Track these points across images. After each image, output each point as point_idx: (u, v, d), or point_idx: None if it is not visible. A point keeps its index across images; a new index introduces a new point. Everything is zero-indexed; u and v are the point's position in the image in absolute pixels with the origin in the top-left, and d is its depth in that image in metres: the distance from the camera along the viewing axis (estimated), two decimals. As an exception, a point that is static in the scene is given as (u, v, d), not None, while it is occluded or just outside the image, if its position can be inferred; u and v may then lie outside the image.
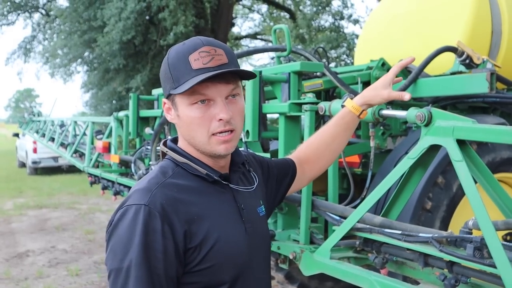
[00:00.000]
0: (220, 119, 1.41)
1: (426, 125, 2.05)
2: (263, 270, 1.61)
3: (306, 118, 2.61)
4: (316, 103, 2.65)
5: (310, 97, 2.68)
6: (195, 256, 1.38)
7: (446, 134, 1.96)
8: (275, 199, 1.89)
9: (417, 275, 2.26)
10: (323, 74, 3.81)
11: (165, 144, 1.57)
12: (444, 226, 3.23)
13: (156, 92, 4.91)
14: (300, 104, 2.72)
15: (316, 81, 3.72)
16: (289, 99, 2.93)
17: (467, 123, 1.92)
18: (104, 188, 5.35)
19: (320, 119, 3.11)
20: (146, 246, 1.30)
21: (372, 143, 2.77)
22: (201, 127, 1.42)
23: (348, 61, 16.42)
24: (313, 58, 3.85)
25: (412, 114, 2.11)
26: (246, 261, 1.48)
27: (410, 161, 2.10)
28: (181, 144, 1.53)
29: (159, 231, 1.32)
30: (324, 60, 4.26)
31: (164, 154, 1.56)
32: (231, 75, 1.42)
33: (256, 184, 1.67)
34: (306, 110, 2.62)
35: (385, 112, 2.31)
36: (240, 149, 1.71)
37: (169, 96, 1.48)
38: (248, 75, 1.48)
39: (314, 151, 2.01)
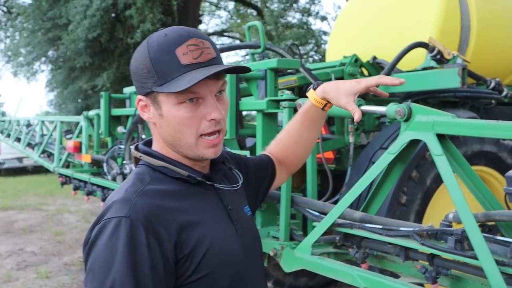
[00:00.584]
0: (212, 119, 1.30)
1: (406, 120, 2.06)
2: (259, 273, 1.52)
3: (284, 115, 2.60)
4: (294, 100, 2.65)
5: (287, 93, 2.67)
6: (188, 266, 1.25)
7: (426, 129, 1.98)
8: (256, 199, 1.78)
9: (398, 268, 2.28)
10: (297, 71, 3.82)
11: (137, 148, 1.43)
12: (419, 219, 3.29)
13: (128, 90, 4.85)
14: (278, 101, 2.72)
15: (291, 78, 3.73)
16: (266, 96, 2.92)
17: (447, 117, 1.95)
18: (76, 188, 5.24)
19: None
20: (131, 263, 1.17)
21: (351, 139, 2.79)
22: (190, 127, 1.30)
23: (316, 58, 16.52)
24: (287, 54, 3.86)
25: (391, 109, 2.12)
26: (242, 264, 1.38)
27: (390, 156, 2.12)
28: (156, 146, 1.40)
29: (144, 244, 1.18)
30: (297, 56, 4.26)
31: (137, 160, 1.42)
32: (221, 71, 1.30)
33: (241, 182, 1.57)
34: (284, 107, 2.61)
35: (364, 108, 2.32)
36: None
37: (149, 93, 1.32)
38: (243, 70, 1.38)
39: (286, 148, 1.89)
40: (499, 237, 1.83)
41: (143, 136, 4.44)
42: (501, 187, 3.43)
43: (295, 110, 2.65)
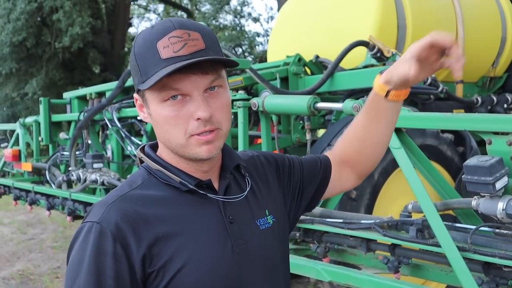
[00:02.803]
0: (199, 118, 1.16)
1: (363, 115, 2.12)
2: None
3: (239, 115, 2.61)
4: (248, 99, 2.66)
5: (241, 93, 2.68)
6: (159, 282, 1.15)
7: (383, 123, 2.04)
8: (298, 203, 1.50)
9: (359, 260, 2.34)
10: (242, 71, 3.83)
11: (142, 150, 1.33)
12: (369, 212, 3.37)
13: (68, 95, 4.70)
14: (232, 101, 2.72)
15: (237, 78, 3.74)
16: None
17: (403, 111, 2.01)
18: (17, 198, 5.02)
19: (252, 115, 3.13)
20: (96, 272, 1.11)
21: (308, 136, 2.83)
22: (177, 128, 1.18)
23: (250, 59, 16.62)
24: (231, 55, 3.86)
25: (348, 105, 2.18)
26: (231, 284, 1.23)
27: (349, 151, 2.16)
28: (160, 146, 1.30)
29: (110, 253, 1.12)
30: (241, 57, 4.28)
31: (142, 162, 1.32)
32: (210, 64, 1.16)
33: (245, 192, 1.33)
34: (239, 107, 2.62)
35: (320, 105, 2.36)
36: (244, 150, 1.48)
37: (139, 92, 1.24)
38: (229, 63, 1.21)
39: (350, 145, 1.57)
40: (458, 225, 1.92)
41: (89, 142, 4.32)
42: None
43: (249, 109, 2.67)
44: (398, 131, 2.01)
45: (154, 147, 1.32)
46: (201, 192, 1.24)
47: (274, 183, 1.43)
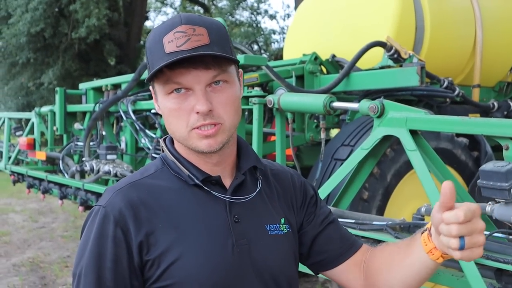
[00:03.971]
0: (198, 112, 1.19)
1: (379, 116, 2.11)
2: None
3: (254, 111, 2.61)
4: (264, 96, 2.66)
5: (257, 90, 2.68)
6: (154, 271, 1.18)
7: (399, 124, 2.03)
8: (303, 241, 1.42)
9: (369, 262, 2.33)
10: (258, 68, 3.83)
11: (165, 140, 1.37)
12: (380, 214, 3.36)
13: (84, 86, 4.73)
14: (248, 98, 2.72)
15: (252, 75, 3.74)
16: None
17: (419, 114, 2.01)
18: (30, 186, 5.07)
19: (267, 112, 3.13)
20: (97, 254, 1.17)
21: (323, 135, 2.83)
22: (179, 120, 1.21)
23: (266, 56, 16.62)
24: (248, 51, 3.86)
25: (364, 106, 2.17)
26: (226, 283, 1.21)
27: (363, 152, 2.16)
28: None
29: (110, 236, 1.17)
30: (258, 53, 4.28)
31: (163, 151, 1.35)
32: (213, 59, 1.18)
33: (253, 194, 1.32)
34: (254, 103, 2.62)
35: (336, 104, 2.35)
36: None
37: (151, 85, 1.28)
38: (228, 59, 1.20)
39: (380, 269, 1.35)
40: (471, 229, 1.90)
41: (103, 133, 4.34)
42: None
43: (264, 106, 2.67)
44: (414, 133, 2.00)
45: (173, 140, 1.35)
46: (206, 189, 1.26)
47: (296, 203, 1.40)
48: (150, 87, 1.30)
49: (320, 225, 1.41)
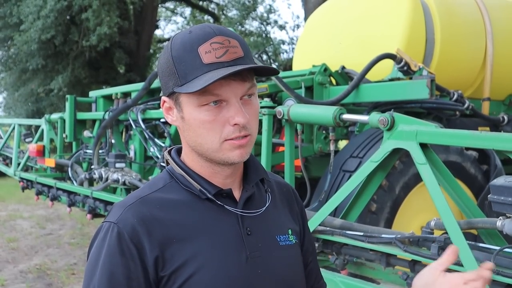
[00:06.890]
0: (236, 124, 1.18)
1: (389, 129, 2.11)
2: None
3: (264, 122, 2.62)
4: (274, 107, 2.66)
5: (266, 100, 2.69)
6: (170, 286, 1.17)
7: (409, 138, 2.03)
8: None
9: (377, 275, 2.32)
10: (267, 78, 3.84)
11: (169, 152, 1.35)
12: (388, 226, 3.35)
13: (94, 94, 4.75)
14: (257, 108, 2.73)
15: (262, 85, 3.75)
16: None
17: (430, 127, 2.00)
18: (39, 193, 5.09)
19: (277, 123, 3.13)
20: (110, 272, 1.15)
21: (332, 147, 2.83)
22: (212, 132, 1.19)
23: (275, 66, 16.67)
24: (259, 62, 3.87)
25: (374, 118, 2.17)
26: None
27: (373, 165, 2.16)
28: (183, 151, 1.32)
29: (124, 254, 1.15)
30: (267, 64, 4.29)
31: (168, 163, 1.34)
32: (247, 72, 1.19)
33: (265, 207, 1.33)
34: (264, 114, 2.63)
35: (346, 116, 2.36)
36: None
37: (171, 94, 1.25)
38: (270, 72, 1.25)
39: None
40: (481, 244, 1.89)
41: (113, 141, 4.36)
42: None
43: (274, 117, 2.67)
44: (424, 146, 2.00)
45: (179, 151, 1.33)
46: (219, 203, 1.25)
47: (297, 215, 1.43)
48: (166, 98, 1.27)
49: (311, 255, 1.45)
